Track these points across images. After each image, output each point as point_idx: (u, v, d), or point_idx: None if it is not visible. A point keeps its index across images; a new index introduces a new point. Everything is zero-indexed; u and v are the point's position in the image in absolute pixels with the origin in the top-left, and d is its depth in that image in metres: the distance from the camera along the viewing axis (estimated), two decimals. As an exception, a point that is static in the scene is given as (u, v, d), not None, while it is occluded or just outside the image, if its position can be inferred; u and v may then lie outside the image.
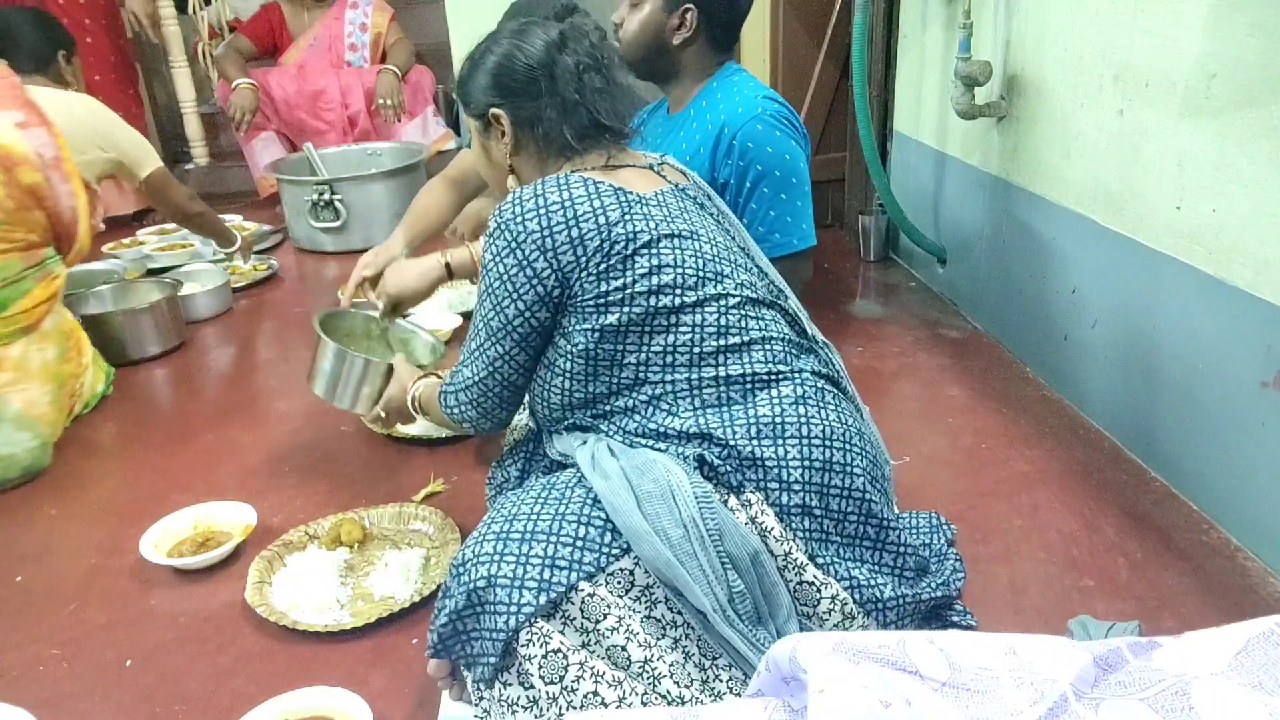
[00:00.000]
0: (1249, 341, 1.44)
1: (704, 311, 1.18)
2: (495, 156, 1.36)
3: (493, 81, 1.30)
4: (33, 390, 1.88)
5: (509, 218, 1.18)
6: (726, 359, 1.18)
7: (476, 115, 1.34)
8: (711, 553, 1.05)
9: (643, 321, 1.17)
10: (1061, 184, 1.95)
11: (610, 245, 1.16)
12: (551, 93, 1.27)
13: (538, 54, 1.28)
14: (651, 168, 1.33)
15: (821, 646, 0.63)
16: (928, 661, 0.61)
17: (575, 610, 1.03)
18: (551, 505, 1.09)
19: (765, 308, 1.25)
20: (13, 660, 1.37)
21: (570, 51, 1.27)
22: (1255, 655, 0.58)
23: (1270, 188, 1.38)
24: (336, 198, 3.15)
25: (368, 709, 1.18)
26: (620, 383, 1.21)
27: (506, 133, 1.32)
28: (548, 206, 1.17)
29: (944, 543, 1.49)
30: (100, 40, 3.57)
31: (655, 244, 1.17)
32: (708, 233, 1.25)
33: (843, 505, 1.15)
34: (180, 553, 1.55)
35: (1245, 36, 1.39)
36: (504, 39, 1.31)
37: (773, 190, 1.75)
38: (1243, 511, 1.50)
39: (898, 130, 2.86)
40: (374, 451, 1.91)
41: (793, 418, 1.16)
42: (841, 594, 1.13)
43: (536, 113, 1.29)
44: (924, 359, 2.24)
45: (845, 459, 1.16)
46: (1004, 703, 0.58)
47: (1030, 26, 2.02)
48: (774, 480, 1.13)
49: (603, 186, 1.20)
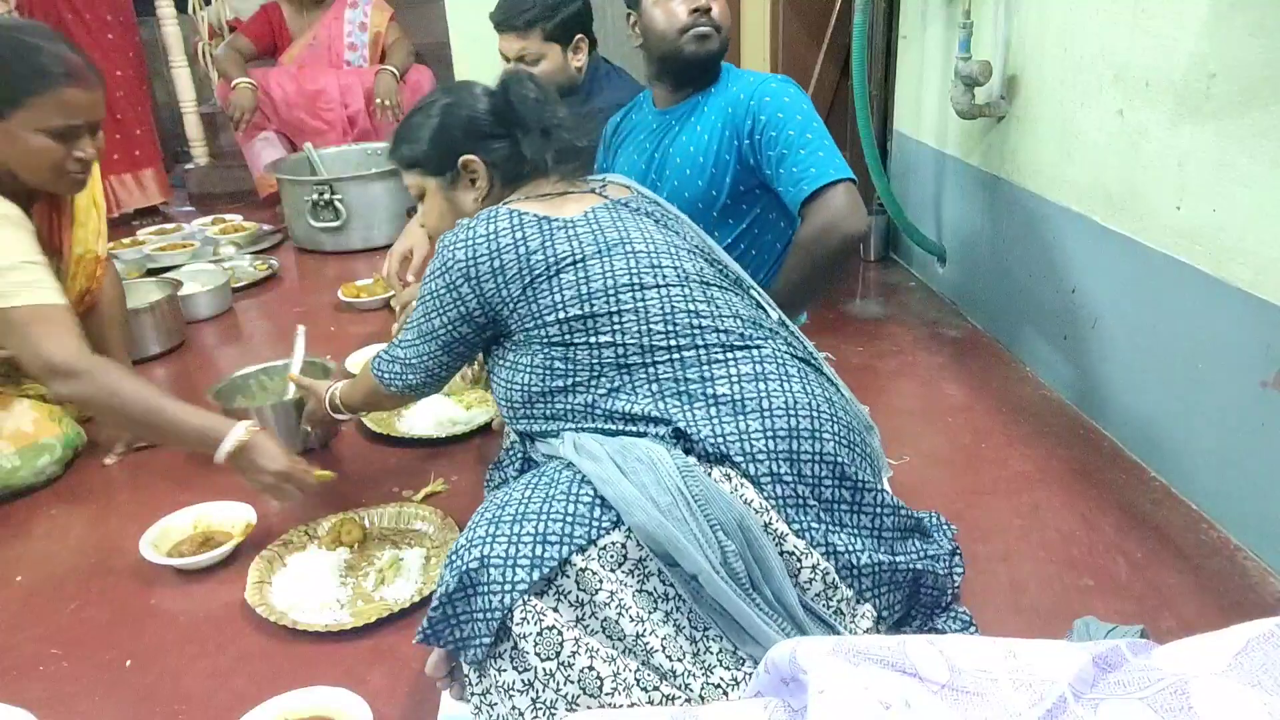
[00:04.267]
0: (1249, 341, 1.44)
1: (645, 304, 1.23)
2: (465, 206, 1.44)
3: (463, 132, 1.40)
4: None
5: (447, 243, 1.30)
6: (679, 342, 1.22)
7: (440, 171, 1.43)
8: (700, 518, 1.07)
9: (585, 328, 1.23)
10: (1061, 184, 1.95)
11: (530, 271, 1.25)
12: (524, 127, 1.38)
13: (493, 101, 1.42)
14: (594, 190, 1.41)
15: (822, 648, 0.64)
16: (927, 663, 0.61)
17: (570, 584, 1.04)
18: (541, 489, 1.11)
19: (719, 291, 1.29)
20: (13, 660, 1.37)
21: (517, 92, 1.40)
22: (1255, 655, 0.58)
23: (1270, 188, 1.38)
24: (336, 198, 3.15)
25: (367, 709, 1.18)
26: (578, 381, 1.25)
27: (480, 178, 1.41)
28: (473, 239, 1.27)
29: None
30: (120, 37, 3.59)
31: (581, 261, 1.25)
32: (642, 234, 1.30)
33: (816, 470, 1.16)
34: (180, 553, 1.55)
35: (1245, 36, 1.39)
36: (447, 99, 1.43)
37: (798, 132, 1.72)
38: (1243, 511, 1.50)
39: (898, 130, 2.86)
40: (374, 451, 1.91)
41: (752, 394, 1.19)
42: (822, 563, 1.14)
43: (515, 148, 1.39)
44: (923, 358, 2.24)
45: (813, 425, 1.17)
46: (1004, 704, 0.58)
47: (1030, 26, 2.02)
48: (740, 454, 1.14)
49: (526, 217, 1.28)
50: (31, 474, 1.79)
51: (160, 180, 3.82)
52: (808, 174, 1.69)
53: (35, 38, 1.56)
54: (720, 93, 1.82)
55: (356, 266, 3.09)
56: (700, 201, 1.83)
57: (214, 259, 3.14)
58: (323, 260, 3.21)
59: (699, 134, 1.82)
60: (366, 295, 2.70)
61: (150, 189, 3.76)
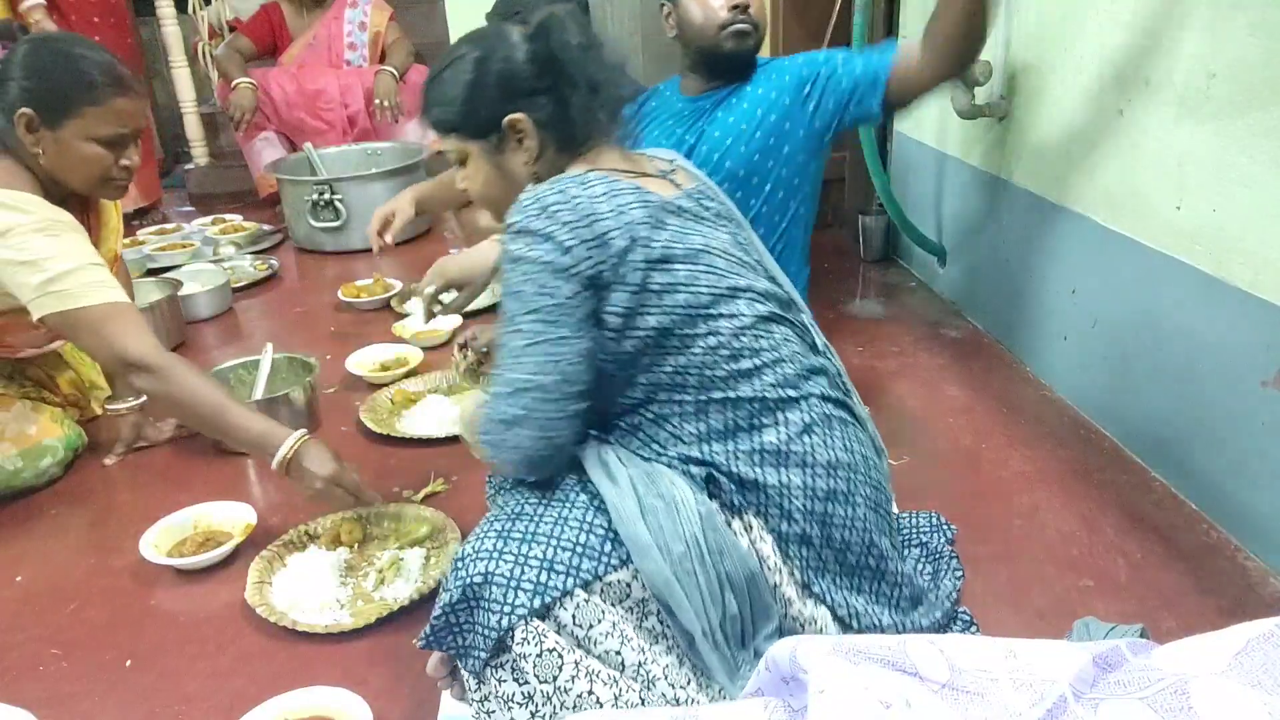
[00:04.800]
0: (1249, 341, 1.44)
1: (718, 334, 1.13)
2: (516, 171, 1.23)
3: (501, 90, 1.19)
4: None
5: (533, 213, 1.08)
6: (737, 383, 1.13)
7: (482, 134, 1.22)
8: (711, 571, 1.05)
9: (657, 344, 1.12)
10: (1061, 184, 1.95)
11: (628, 251, 1.09)
12: (570, 81, 1.18)
13: (534, 48, 1.19)
14: (663, 175, 1.25)
15: (822, 647, 0.64)
16: (928, 663, 0.61)
17: (567, 616, 1.03)
18: (555, 508, 1.09)
19: (776, 324, 1.19)
20: (13, 660, 1.37)
21: (559, 39, 1.18)
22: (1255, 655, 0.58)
23: (1270, 188, 1.37)
24: (336, 197, 3.15)
25: (367, 709, 1.18)
26: (627, 400, 1.17)
27: (530, 138, 1.21)
28: (572, 201, 1.09)
29: (943, 543, 1.49)
30: (109, 37, 3.56)
31: (670, 261, 1.11)
32: (721, 246, 1.19)
33: (845, 535, 1.14)
34: (180, 553, 1.55)
35: (1245, 36, 1.39)
36: (478, 51, 1.21)
37: (847, 55, 1.75)
38: (1243, 511, 1.50)
39: (898, 130, 2.86)
40: (374, 451, 1.91)
41: (798, 447, 1.13)
42: (830, 626, 1.13)
43: (562, 106, 1.19)
44: (924, 359, 2.24)
45: (849, 488, 1.14)
46: (1004, 704, 0.58)
47: (1030, 26, 2.02)
48: (775, 507, 1.11)
49: (620, 185, 1.13)
50: (33, 475, 1.79)
51: (152, 182, 3.80)
52: (872, 55, 1.73)
53: (81, 49, 1.61)
54: (760, 81, 1.82)
55: (356, 266, 3.09)
56: (743, 169, 1.81)
57: (214, 259, 3.14)
58: (323, 260, 3.21)
59: (747, 110, 1.80)
60: (366, 295, 2.70)
61: (143, 190, 3.76)
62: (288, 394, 1.90)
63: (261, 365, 1.95)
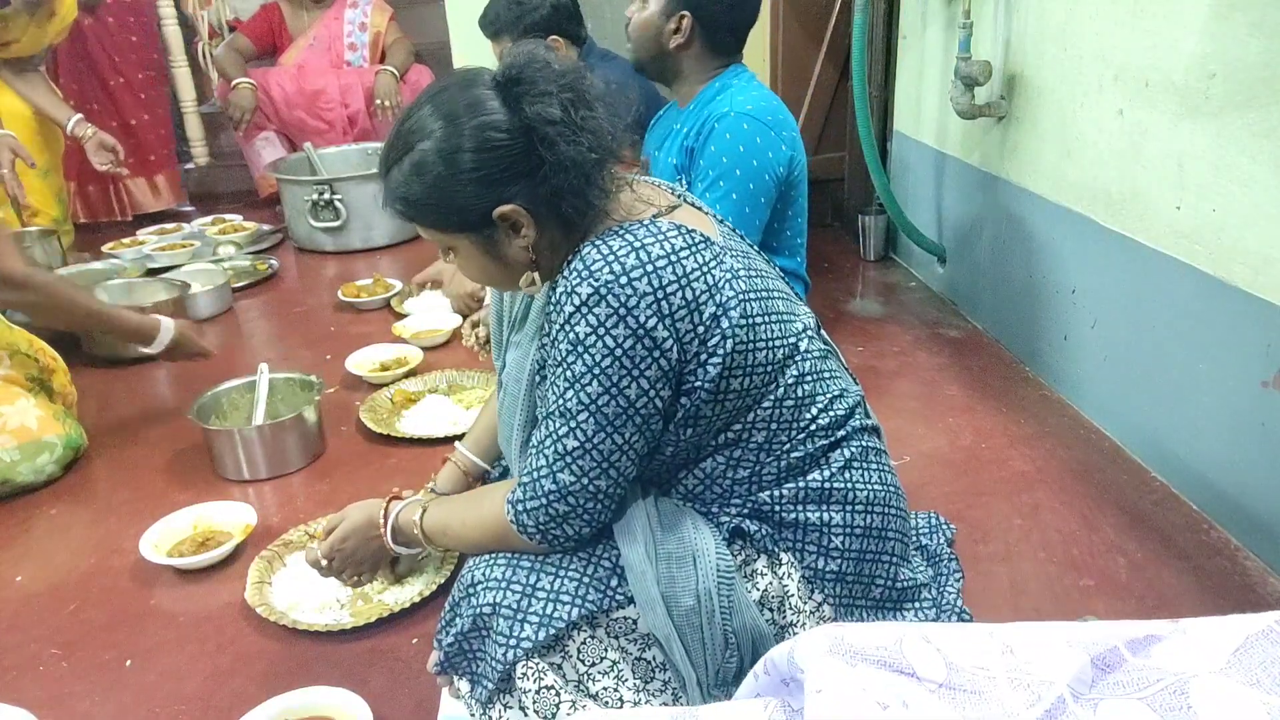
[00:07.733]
0: (1249, 341, 1.44)
1: (782, 385, 1.07)
2: (515, 257, 1.05)
3: (481, 182, 0.98)
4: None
5: (608, 278, 0.95)
6: (798, 433, 1.10)
7: (470, 228, 1.02)
8: (718, 629, 1.05)
9: (726, 407, 1.05)
10: (1061, 184, 1.95)
11: (715, 315, 0.99)
12: (556, 152, 0.97)
13: (504, 119, 0.98)
14: (695, 205, 1.13)
15: (819, 646, 0.63)
16: (924, 662, 0.61)
17: (573, 649, 1.04)
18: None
19: (823, 360, 1.14)
20: (13, 660, 1.37)
21: (534, 96, 0.97)
22: (1254, 653, 0.58)
23: (1270, 188, 1.37)
24: (336, 197, 3.15)
25: (368, 709, 1.18)
26: (675, 463, 1.11)
27: (527, 225, 1.02)
28: (654, 262, 0.96)
29: (943, 543, 1.49)
30: (143, 39, 3.63)
31: (745, 318, 1.01)
32: (769, 278, 1.11)
33: (873, 569, 1.14)
34: (180, 553, 1.55)
35: (1245, 36, 1.39)
36: (441, 133, 0.98)
37: (728, 187, 1.74)
38: (1243, 511, 1.50)
39: (898, 130, 2.86)
40: (374, 451, 1.91)
41: (840, 483, 1.11)
42: None
43: (555, 185, 0.99)
44: (924, 358, 2.24)
45: (883, 523, 1.15)
46: (1001, 704, 0.58)
47: (1030, 26, 2.02)
48: (814, 545, 1.11)
49: (695, 236, 1.01)
50: (31, 471, 1.79)
51: (173, 184, 3.83)
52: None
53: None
54: (703, 106, 1.84)
55: (356, 266, 3.09)
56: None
57: (214, 259, 3.14)
58: (323, 260, 3.21)
59: (674, 146, 1.86)
60: (366, 295, 2.70)
61: (164, 194, 3.79)
62: (301, 413, 1.83)
63: (259, 387, 1.87)
